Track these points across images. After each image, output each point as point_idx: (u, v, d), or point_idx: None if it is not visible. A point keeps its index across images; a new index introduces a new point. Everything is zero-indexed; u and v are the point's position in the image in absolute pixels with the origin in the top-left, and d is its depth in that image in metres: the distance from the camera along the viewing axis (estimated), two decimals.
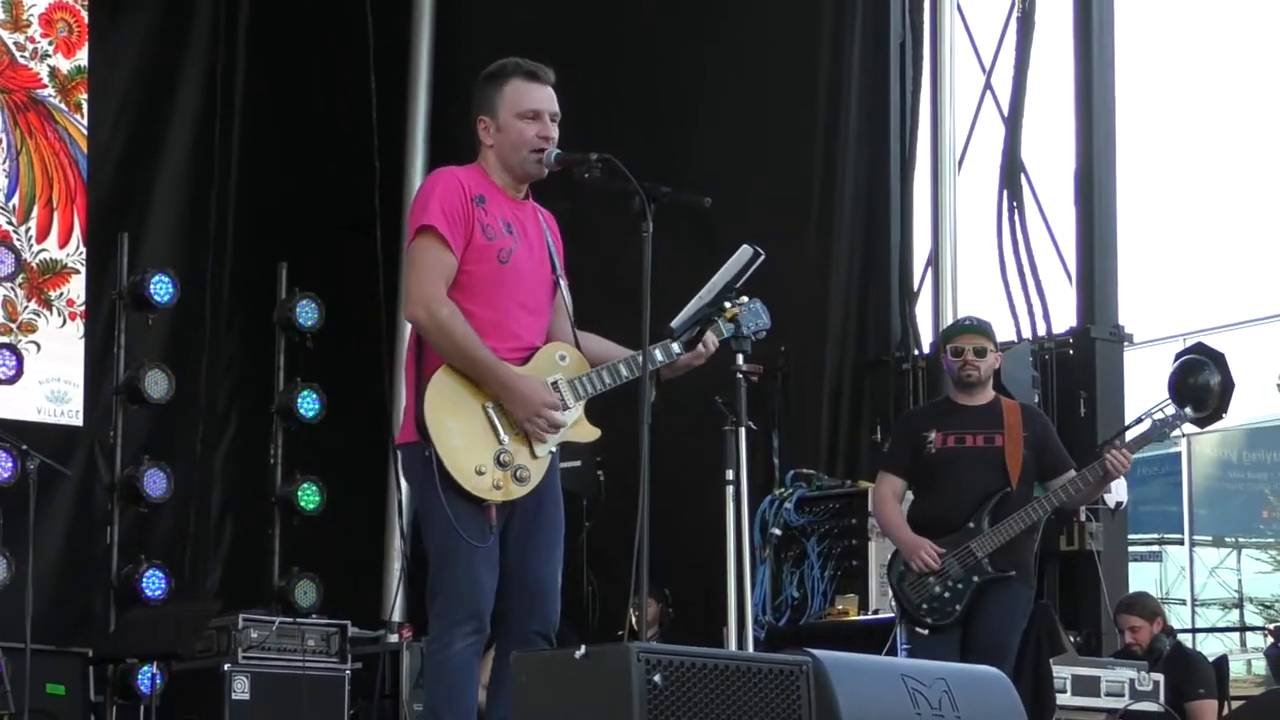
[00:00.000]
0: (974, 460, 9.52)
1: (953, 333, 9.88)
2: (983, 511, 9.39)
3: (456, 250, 6.99)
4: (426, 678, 7.43)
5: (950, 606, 9.32)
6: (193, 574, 14.12)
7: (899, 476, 9.59)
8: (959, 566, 9.32)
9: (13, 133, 13.81)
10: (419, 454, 6.95)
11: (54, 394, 13.61)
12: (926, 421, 9.71)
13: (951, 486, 9.48)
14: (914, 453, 9.58)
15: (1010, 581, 9.43)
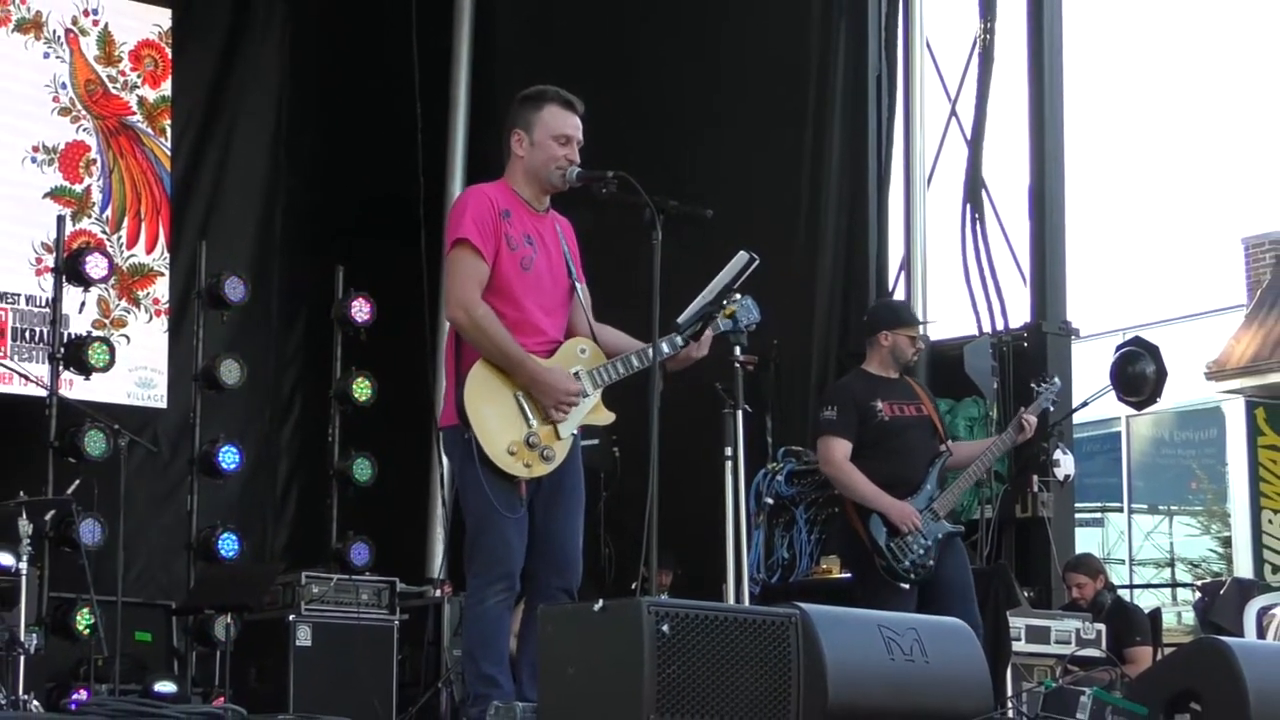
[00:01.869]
0: (916, 427, 9.56)
1: (909, 321, 9.82)
2: (932, 472, 9.41)
3: (488, 259, 7.03)
4: (465, 628, 7.43)
5: (927, 562, 9.33)
6: (261, 537, 14.12)
7: (848, 440, 9.51)
8: (929, 525, 9.32)
9: (106, 154, 13.81)
10: (459, 436, 6.99)
11: (142, 381, 13.61)
12: (868, 393, 9.62)
13: (905, 450, 9.49)
14: (863, 420, 9.52)
15: (956, 535, 9.48)
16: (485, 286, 7.05)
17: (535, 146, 7.22)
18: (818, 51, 12.61)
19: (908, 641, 6.05)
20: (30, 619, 10.45)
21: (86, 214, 13.59)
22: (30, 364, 12.63)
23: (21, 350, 12.98)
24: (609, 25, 13.39)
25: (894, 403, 9.55)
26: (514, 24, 14.39)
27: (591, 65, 12.47)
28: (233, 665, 11.53)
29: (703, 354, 7.30)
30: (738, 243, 7.47)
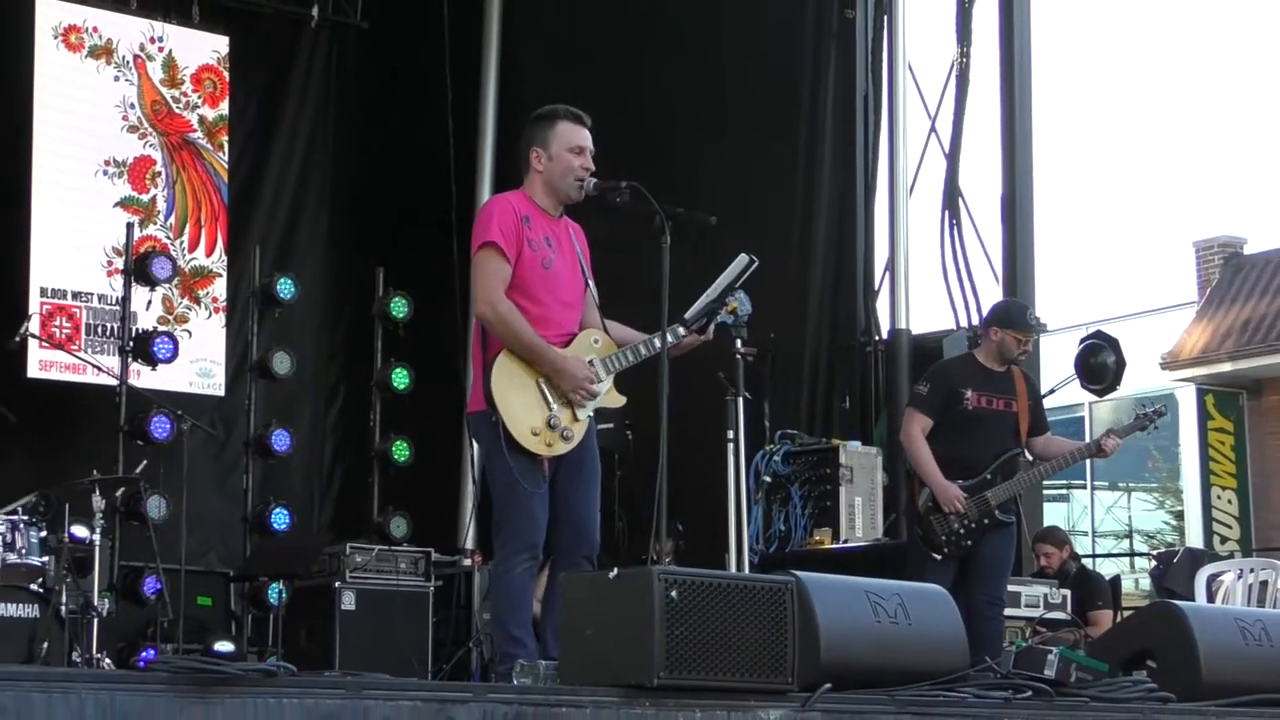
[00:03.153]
0: (996, 420, 9.38)
1: (1023, 326, 9.52)
2: (997, 465, 9.29)
3: (511, 260, 7.05)
4: (493, 593, 7.45)
5: (964, 542, 9.23)
6: (310, 512, 14.12)
7: (930, 418, 9.38)
8: (976, 511, 9.23)
9: (170, 167, 13.82)
10: (487, 420, 7.00)
11: (202, 371, 13.62)
12: (963, 379, 9.45)
13: (977, 439, 9.34)
14: (948, 403, 9.38)
15: (1009, 524, 9.39)
16: (509, 284, 7.07)
17: (553, 160, 7.23)
18: (810, 73, 12.61)
19: (892, 605, 6.05)
20: (103, 585, 10.47)
21: (152, 221, 13.60)
22: (102, 356, 12.65)
23: (94, 344, 13.00)
24: (621, 50, 13.38)
25: (984, 394, 9.37)
26: (536, 48, 14.39)
27: (605, 85, 12.47)
28: (284, 627, 11.53)
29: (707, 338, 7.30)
30: (738, 246, 7.47)
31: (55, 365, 12.82)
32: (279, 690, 4.61)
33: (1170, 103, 41.34)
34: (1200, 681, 6.66)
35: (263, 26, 14.71)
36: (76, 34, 13.53)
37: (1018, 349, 9.47)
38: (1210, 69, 42.71)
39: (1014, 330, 9.49)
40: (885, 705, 5.66)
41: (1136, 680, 6.54)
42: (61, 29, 13.48)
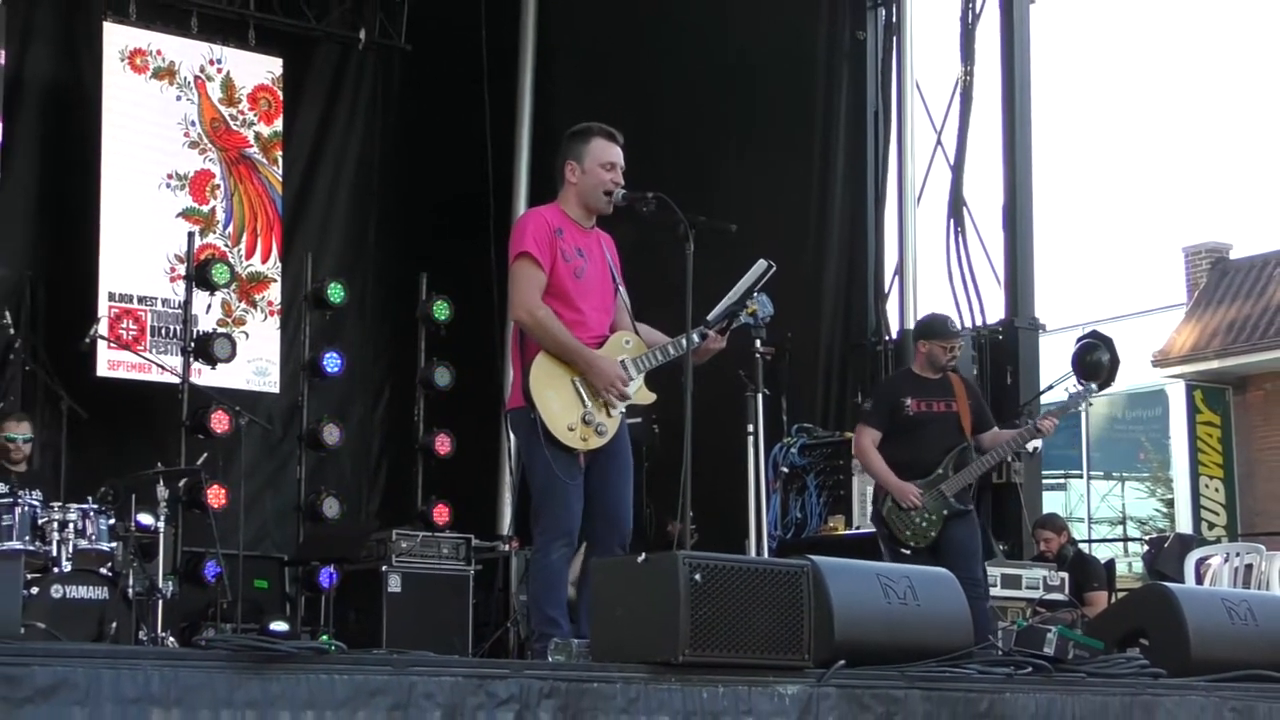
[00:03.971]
0: (939, 421, 9.47)
1: (943, 333, 9.63)
2: (948, 460, 9.36)
3: (545, 269, 7.05)
4: (530, 577, 7.43)
5: (928, 534, 9.27)
6: (358, 501, 14.14)
7: (877, 429, 9.51)
8: (934, 503, 9.28)
9: (228, 180, 13.85)
10: (526, 416, 7.00)
11: (258, 370, 13.64)
12: (902, 390, 9.60)
13: (925, 440, 9.43)
14: (892, 413, 9.50)
15: (969, 512, 9.42)
16: (544, 291, 7.08)
17: (586, 174, 7.24)
18: (824, 90, 12.59)
19: (901, 588, 6.05)
20: (167, 569, 10.51)
21: (212, 230, 13.63)
22: (166, 356, 12.67)
23: (158, 345, 13.02)
24: (648, 69, 13.38)
25: (923, 399, 9.48)
26: (568, 68, 14.40)
27: (633, 102, 12.47)
28: (335, 608, 11.56)
29: (721, 346, 7.30)
30: (757, 252, 7.47)
31: (122, 365, 12.85)
32: (330, 667, 4.62)
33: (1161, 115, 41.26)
34: (1190, 658, 6.65)
35: (314, 49, 14.75)
36: (142, 56, 13.56)
37: (945, 356, 9.58)
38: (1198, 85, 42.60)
39: (938, 339, 9.63)
40: (896, 681, 5.66)
41: (1130, 657, 6.53)
42: (128, 52, 13.51)
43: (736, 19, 13.01)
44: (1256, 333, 22.99)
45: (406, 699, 4.68)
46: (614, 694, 5.05)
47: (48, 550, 9.27)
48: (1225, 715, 6.41)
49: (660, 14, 13.45)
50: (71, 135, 13.33)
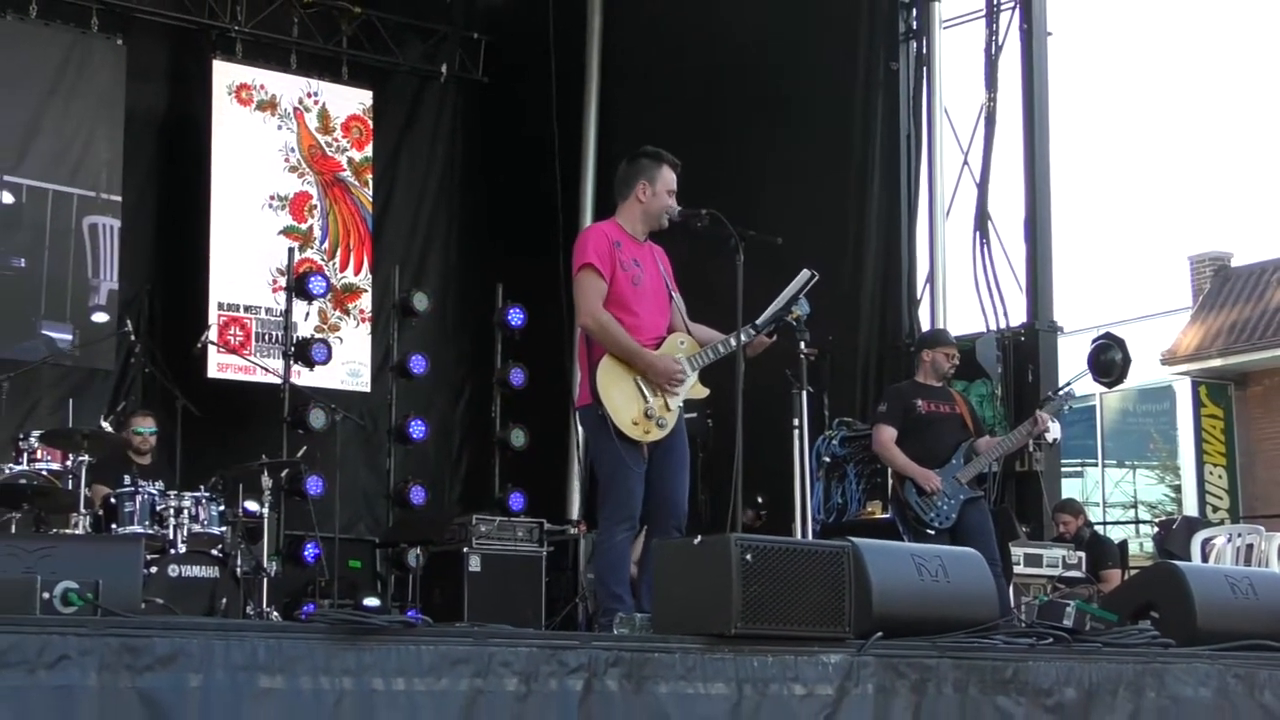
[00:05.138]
0: (947, 421, 9.56)
1: (941, 342, 9.91)
2: (959, 453, 9.39)
3: (606, 278, 7.06)
4: (596, 557, 7.44)
5: (949, 516, 9.27)
6: (442, 489, 14.19)
7: (894, 427, 9.55)
8: (951, 488, 9.30)
9: (324, 200, 13.93)
10: (594, 412, 7.00)
11: (351, 372, 13.70)
12: (912, 394, 9.67)
13: (936, 436, 9.49)
14: (905, 413, 9.56)
15: (980, 497, 9.45)
16: (606, 299, 7.09)
17: (655, 196, 7.25)
18: (861, 116, 12.55)
19: (933, 566, 6.02)
20: (271, 551, 10.55)
21: (309, 246, 13.70)
22: (268, 359, 12.75)
23: (262, 349, 13.11)
24: (701, 97, 13.36)
25: (931, 402, 9.57)
26: (629, 96, 14.37)
27: (687, 126, 12.46)
28: (421, 586, 11.60)
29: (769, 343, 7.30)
30: (800, 262, 7.46)
31: (230, 367, 12.93)
32: (417, 639, 4.63)
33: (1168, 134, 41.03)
34: (1196, 629, 6.60)
35: (400, 82, 14.81)
36: (247, 91, 13.65)
37: (947, 362, 9.73)
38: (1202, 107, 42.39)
39: (941, 347, 9.81)
40: (928, 650, 5.64)
41: (1142, 628, 6.49)
42: (234, 87, 13.60)
43: (781, 51, 12.98)
44: (1256, 333, 22.91)
45: (486, 667, 4.69)
46: (673, 663, 5.05)
47: (165, 534, 9.33)
48: (1229, 681, 6.37)
49: (711, 47, 13.43)
50: (184, 162, 13.43)
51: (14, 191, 12.74)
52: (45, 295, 12.74)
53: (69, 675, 4.05)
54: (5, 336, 12.21)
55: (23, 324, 12.46)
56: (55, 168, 12.87)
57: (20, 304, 12.64)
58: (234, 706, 4.26)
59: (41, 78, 12.88)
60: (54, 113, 12.90)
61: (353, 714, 4.44)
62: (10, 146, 12.74)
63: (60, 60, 12.95)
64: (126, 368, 12.50)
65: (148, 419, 10.96)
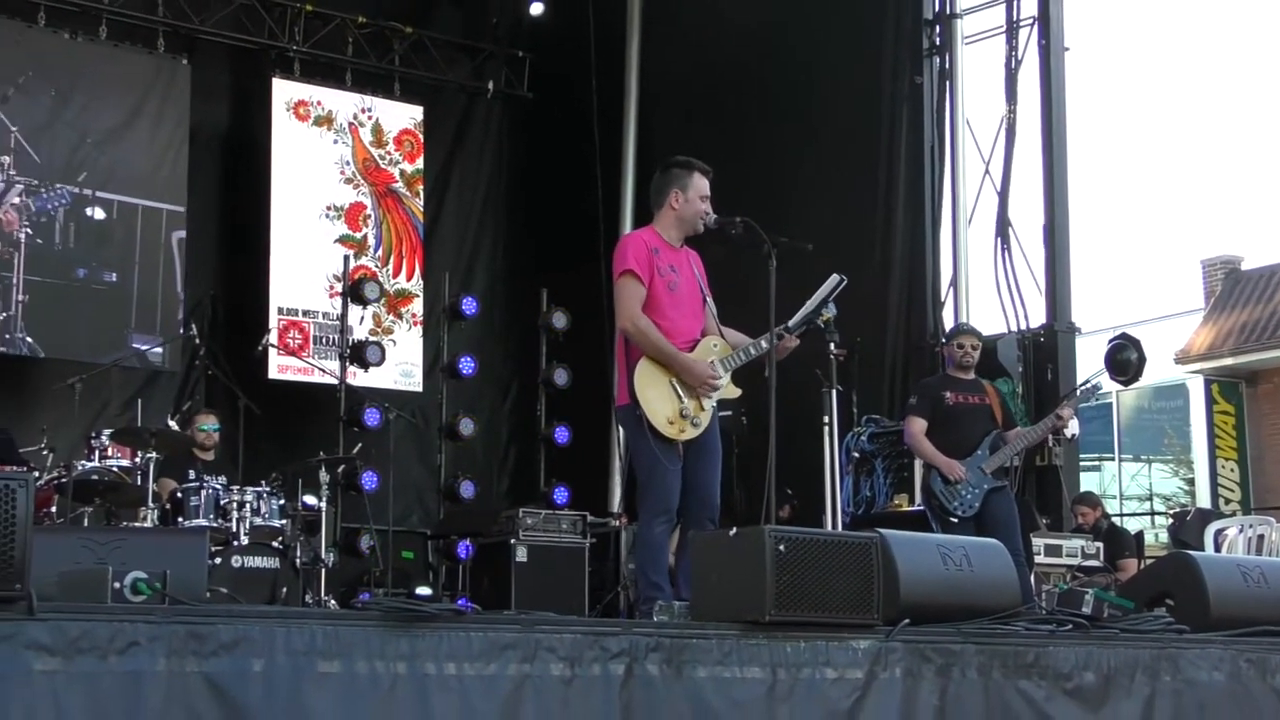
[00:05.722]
0: (975, 412, 9.49)
1: (958, 333, 9.92)
2: (985, 444, 9.34)
3: (645, 284, 7.06)
4: (636, 548, 7.43)
5: (972, 504, 9.23)
6: (490, 484, 14.21)
7: (923, 419, 9.50)
8: (975, 478, 9.25)
9: (378, 210, 13.97)
10: (632, 412, 7.00)
11: (403, 373, 13.73)
12: (941, 386, 9.64)
13: (963, 427, 9.43)
14: (934, 404, 9.51)
15: (1005, 486, 9.39)
16: (644, 304, 7.09)
17: (688, 202, 7.24)
18: (887, 128, 12.52)
19: (958, 556, 6.00)
20: (329, 542, 10.58)
21: (364, 254, 13.73)
22: (326, 361, 12.79)
23: (319, 352, 13.14)
24: (734, 110, 13.35)
25: (959, 394, 9.51)
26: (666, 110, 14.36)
27: (722, 138, 12.46)
28: (470, 575, 11.62)
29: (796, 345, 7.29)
30: (830, 267, 7.44)
31: (289, 368, 12.98)
32: (467, 625, 4.64)
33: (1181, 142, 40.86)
34: (1209, 616, 6.57)
35: (450, 98, 14.84)
36: (304, 107, 13.70)
37: (961, 352, 9.66)
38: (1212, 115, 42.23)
39: (956, 339, 9.80)
40: (953, 636, 5.62)
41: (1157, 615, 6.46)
42: (293, 103, 13.65)
43: (811, 66, 12.96)
44: (1266, 334, 22.82)
45: (533, 653, 4.69)
46: (710, 648, 5.05)
47: (229, 526, 9.37)
48: (1241, 665, 6.34)
49: (744, 63, 13.43)
50: (246, 175, 13.49)
51: (105, 208, 12.77)
52: (135, 309, 12.76)
53: (138, 661, 4.06)
54: (98, 350, 12.19)
55: (115, 337, 12.43)
56: (137, 184, 12.88)
57: (112, 318, 12.63)
58: (294, 690, 4.27)
59: (115, 97, 12.92)
60: (129, 130, 12.93)
61: (406, 697, 4.45)
62: (98, 164, 12.75)
63: (132, 80, 13.01)
64: (191, 369, 12.56)
65: (210, 416, 11.02)
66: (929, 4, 12.59)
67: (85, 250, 12.66)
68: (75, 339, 12.39)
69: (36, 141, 12.52)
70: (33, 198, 12.46)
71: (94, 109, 12.81)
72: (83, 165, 12.71)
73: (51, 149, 12.61)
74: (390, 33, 14.31)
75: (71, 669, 3.97)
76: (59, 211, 12.56)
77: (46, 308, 12.38)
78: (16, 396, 11.55)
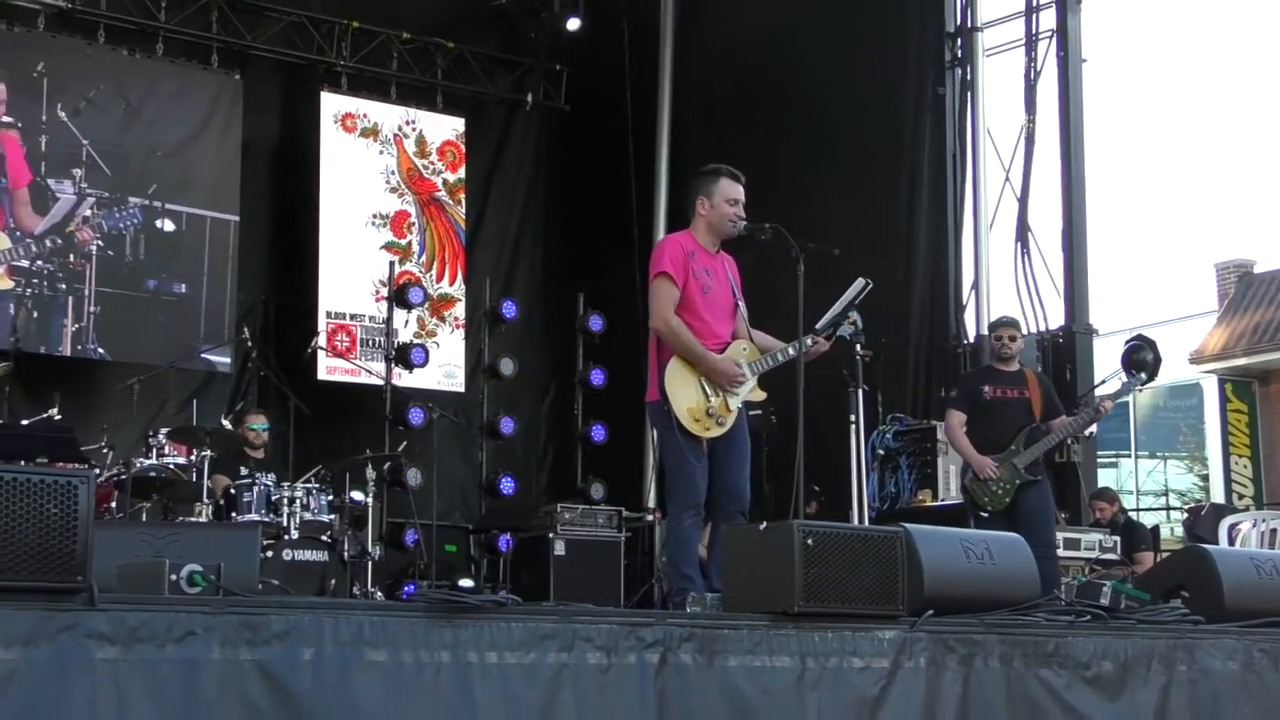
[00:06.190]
0: (1012, 405, 9.38)
1: (996, 325, 9.83)
2: (1020, 438, 9.25)
3: (679, 286, 7.05)
4: (668, 542, 7.43)
5: (1003, 500, 9.16)
6: (529, 480, 14.21)
7: (962, 413, 9.45)
8: (1008, 474, 9.18)
9: (421, 218, 13.98)
10: (661, 409, 7.00)
11: (446, 374, 13.75)
12: (980, 380, 9.59)
13: (999, 421, 9.34)
14: (973, 399, 9.44)
15: (1039, 481, 9.29)
16: (678, 305, 7.08)
17: (714, 208, 7.23)
18: (911, 137, 12.50)
19: (980, 549, 5.98)
20: (375, 536, 10.63)
21: (409, 260, 13.76)
22: (372, 363, 12.81)
23: (366, 354, 13.17)
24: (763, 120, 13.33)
25: (998, 387, 9.42)
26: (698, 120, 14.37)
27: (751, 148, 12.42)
28: (511, 568, 11.64)
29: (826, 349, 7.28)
30: (856, 271, 7.43)
31: (337, 370, 13.01)
32: (508, 616, 4.64)
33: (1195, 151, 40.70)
34: (1223, 607, 6.53)
35: (490, 110, 14.86)
36: (351, 119, 13.73)
37: (997, 344, 9.59)
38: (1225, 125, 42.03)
39: (993, 331, 9.77)
40: (976, 627, 5.60)
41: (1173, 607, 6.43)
42: (340, 116, 13.69)
43: (837, 78, 12.94)
44: (1277, 335, 22.74)
45: (571, 642, 4.69)
46: (741, 638, 5.04)
47: (279, 521, 9.40)
48: (1254, 655, 6.31)
49: (772, 76, 13.42)
50: (295, 184, 13.52)
51: (174, 219, 12.78)
52: (204, 318, 12.77)
53: (194, 649, 4.08)
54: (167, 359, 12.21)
55: (184, 349, 12.43)
56: (203, 195, 12.88)
57: (182, 329, 12.59)
58: (343, 677, 4.29)
59: (181, 111, 12.91)
60: (195, 143, 12.94)
61: (450, 685, 4.46)
62: (167, 176, 12.77)
63: (194, 95, 13.02)
64: (244, 371, 12.61)
65: (260, 416, 11.06)
66: (951, 18, 12.58)
67: (155, 262, 12.67)
68: (145, 348, 12.29)
69: (107, 154, 12.54)
70: (105, 215, 12.47)
71: (162, 122, 12.82)
72: (152, 177, 12.72)
73: (122, 162, 12.62)
74: (433, 48, 14.34)
75: (131, 657, 3.99)
76: (130, 229, 12.58)
77: (118, 319, 12.38)
78: (80, 398, 11.61)
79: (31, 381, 11.30)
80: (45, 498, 3.97)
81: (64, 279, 12.24)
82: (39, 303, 12.11)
